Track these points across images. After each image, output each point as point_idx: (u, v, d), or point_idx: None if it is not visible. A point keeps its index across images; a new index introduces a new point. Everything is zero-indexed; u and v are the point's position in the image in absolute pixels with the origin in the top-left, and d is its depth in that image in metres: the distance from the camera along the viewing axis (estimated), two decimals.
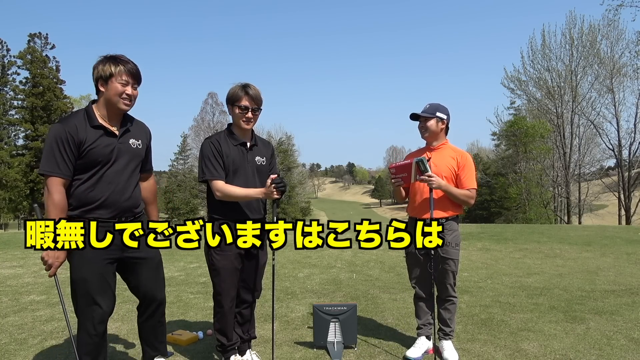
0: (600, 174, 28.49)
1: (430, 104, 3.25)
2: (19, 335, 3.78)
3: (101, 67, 2.38)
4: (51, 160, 2.31)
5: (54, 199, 2.31)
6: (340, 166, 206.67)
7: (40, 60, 37.49)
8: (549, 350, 3.29)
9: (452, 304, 3.24)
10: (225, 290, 2.90)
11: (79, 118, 2.41)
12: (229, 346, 3.03)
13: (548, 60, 27.09)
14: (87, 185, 2.40)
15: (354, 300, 4.77)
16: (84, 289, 2.42)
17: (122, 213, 2.50)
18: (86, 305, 2.44)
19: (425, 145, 3.35)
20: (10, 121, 38.26)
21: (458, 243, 3.20)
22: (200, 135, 45.84)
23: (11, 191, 35.81)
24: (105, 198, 2.43)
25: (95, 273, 2.42)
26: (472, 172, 3.18)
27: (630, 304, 4.48)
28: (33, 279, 6.10)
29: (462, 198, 3.12)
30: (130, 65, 2.43)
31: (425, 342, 3.29)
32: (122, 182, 2.50)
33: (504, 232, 11.11)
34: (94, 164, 2.40)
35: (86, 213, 2.40)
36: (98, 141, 2.40)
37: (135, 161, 2.58)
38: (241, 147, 2.92)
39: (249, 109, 2.84)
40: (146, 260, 2.62)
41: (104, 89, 2.41)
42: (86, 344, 2.46)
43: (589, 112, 26.35)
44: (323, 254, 7.89)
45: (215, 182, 2.81)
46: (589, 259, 7.22)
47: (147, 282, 2.64)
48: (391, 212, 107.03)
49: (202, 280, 5.91)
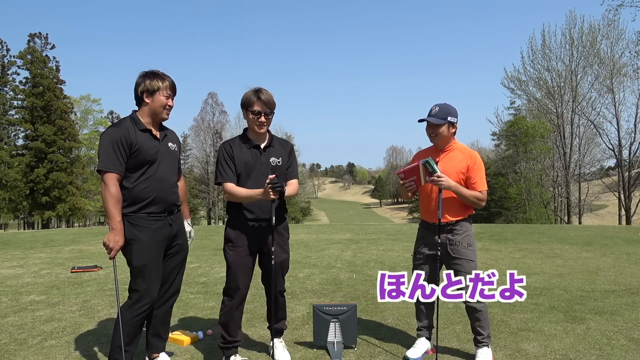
0: (601, 174, 28.51)
1: (439, 106, 3.08)
2: (19, 335, 3.78)
3: (148, 82, 2.76)
4: (107, 158, 2.66)
5: (111, 191, 2.64)
6: (340, 166, 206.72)
7: (40, 60, 37.48)
8: (549, 350, 3.29)
9: (476, 311, 3.07)
10: (233, 285, 3.04)
11: (128, 123, 2.77)
12: (229, 342, 3.08)
13: (548, 60, 27.13)
14: (140, 183, 2.75)
15: (354, 300, 4.77)
16: (144, 274, 2.74)
17: (169, 207, 2.88)
18: (144, 289, 2.74)
19: (432, 145, 3.23)
20: (10, 121, 38.26)
21: (471, 243, 3.11)
22: (200, 136, 45.90)
23: (11, 191, 35.80)
24: (156, 195, 2.79)
25: (153, 260, 2.78)
26: (482, 173, 3.09)
27: (631, 304, 4.48)
28: (33, 279, 6.10)
29: (472, 199, 3.03)
30: (170, 80, 2.84)
31: (425, 342, 3.28)
32: (167, 180, 2.87)
33: (504, 232, 11.11)
34: (143, 163, 2.76)
35: (141, 209, 2.74)
36: (146, 143, 2.77)
37: (174, 162, 2.98)
38: (255, 150, 3.06)
39: (262, 114, 2.97)
40: (182, 250, 3.01)
41: (149, 100, 2.79)
42: (130, 326, 2.73)
43: (589, 112, 26.38)
44: (323, 254, 7.89)
45: (225, 185, 2.99)
46: (589, 259, 7.22)
47: (173, 271, 2.98)
48: (391, 212, 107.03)
49: (202, 280, 5.91)
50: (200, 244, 9.62)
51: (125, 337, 2.69)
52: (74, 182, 38.02)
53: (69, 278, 6.13)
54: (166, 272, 2.93)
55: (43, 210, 36.59)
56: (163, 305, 2.98)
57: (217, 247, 9.19)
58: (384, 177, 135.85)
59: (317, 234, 11.40)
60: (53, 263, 7.44)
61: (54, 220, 40.42)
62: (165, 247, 2.89)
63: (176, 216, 2.97)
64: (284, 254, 3.18)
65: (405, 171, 3.09)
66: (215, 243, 9.78)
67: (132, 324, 2.74)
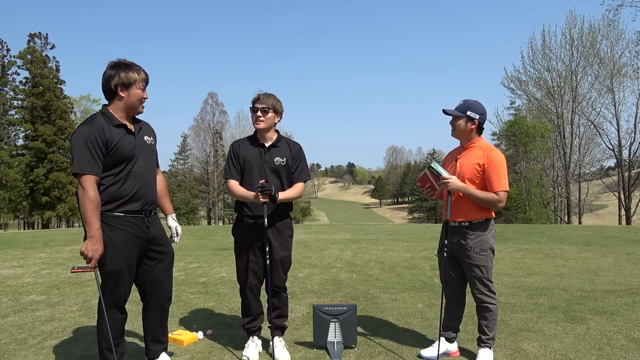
0: (600, 174, 28.50)
1: (465, 100, 3.07)
2: (18, 335, 3.78)
3: (124, 75, 2.60)
4: (83, 159, 2.48)
5: (89, 195, 2.47)
6: (340, 166, 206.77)
7: (40, 60, 37.48)
8: (549, 350, 3.29)
9: (486, 311, 3.05)
10: (240, 274, 3.29)
11: (101, 120, 2.61)
12: (247, 324, 3.34)
13: (548, 60, 27.14)
14: (117, 181, 2.61)
15: (354, 300, 4.77)
16: (117, 279, 2.62)
17: (147, 205, 2.75)
18: (117, 294, 2.65)
19: (459, 144, 3.19)
20: (10, 121, 38.26)
21: (485, 249, 2.99)
22: (200, 136, 45.94)
23: (11, 191, 35.80)
24: (135, 192, 2.66)
25: (128, 265, 2.65)
26: (498, 173, 2.93)
27: (630, 304, 4.48)
28: (33, 279, 6.10)
29: (486, 200, 2.93)
30: (144, 71, 2.70)
31: (443, 343, 3.21)
32: (146, 176, 2.75)
33: (504, 232, 11.11)
34: (121, 160, 2.61)
35: (118, 207, 2.61)
36: (122, 139, 2.62)
37: (151, 156, 2.84)
38: (259, 148, 3.22)
39: (258, 109, 3.16)
40: (166, 255, 2.87)
41: (124, 94, 2.63)
42: (113, 328, 2.67)
43: (589, 112, 26.39)
44: (323, 254, 7.89)
45: (228, 182, 3.23)
46: (589, 259, 7.22)
47: (161, 277, 2.86)
48: (391, 212, 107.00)
49: (202, 280, 5.91)
50: (200, 244, 9.62)
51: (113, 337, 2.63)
52: (74, 182, 38.00)
53: (69, 278, 6.13)
54: (155, 278, 2.82)
55: (43, 210, 36.59)
56: (158, 312, 2.92)
57: (217, 247, 9.19)
58: (384, 177, 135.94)
59: (317, 234, 11.40)
60: (53, 263, 7.44)
61: (54, 220, 40.43)
62: (145, 252, 2.76)
63: (153, 218, 2.82)
64: (284, 250, 3.27)
65: (420, 180, 3.18)
66: (215, 243, 9.78)
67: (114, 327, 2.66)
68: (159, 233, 2.83)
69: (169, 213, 3.09)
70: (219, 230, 13.52)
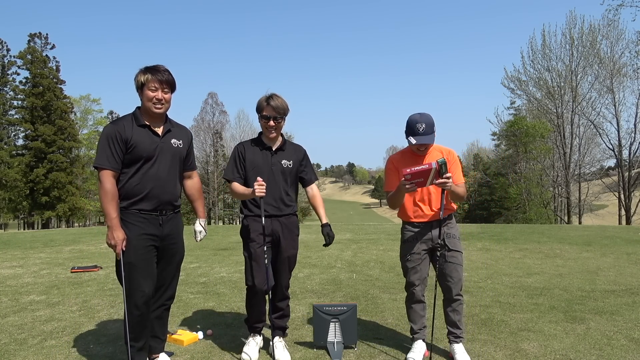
0: (600, 174, 28.52)
1: (422, 123, 2.97)
2: (18, 335, 3.77)
3: (137, 78, 2.76)
4: (103, 155, 2.68)
5: (105, 187, 2.65)
6: (340, 166, 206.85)
7: (40, 60, 37.50)
8: (549, 350, 3.29)
9: (460, 304, 3.16)
10: (248, 273, 3.21)
11: (127, 119, 2.79)
12: (253, 323, 3.33)
13: (548, 60, 27.17)
14: (134, 179, 2.74)
15: (354, 300, 4.77)
16: (130, 272, 2.70)
17: (162, 206, 2.83)
18: (131, 287, 2.71)
19: (407, 148, 3.22)
20: (10, 121, 38.28)
21: (458, 236, 3.26)
22: (200, 136, 45.89)
23: (11, 191, 35.82)
24: (149, 191, 2.76)
25: (141, 259, 2.73)
26: (459, 167, 3.21)
27: (631, 304, 4.48)
28: (33, 279, 6.10)
29: (463, 193, 3.12)
30: (160, 73, 2.75)
31: (422, 345, 3.24)
32: (164, 177, 2.82)
33: (504, 232, 11.11)
34: (139, 159, 2.74)
35: (132, 205, 2.74)
36: (143, 139, 2.75)
37: (176, 159, 2.91)
38: (266, 151, 3.25)
39: (270, 118, 3.14)
40: (176, 254, 2.95)
41: (141, 95, 2.79)
42: (130, 322, 2.73)
43: (589, 112, 26.41)
44: (323, 254, 7.89)
45: (232, 184, 3.20)
46: (589, 259, 7.22)
47: (167, 275, 2.94)
48: (391, 212, 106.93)
49: (202, 280, 5.91)
50: (200, 244, 9.61)
51: (130, 332, 2.72)
52: (74, 182, 38.02)
53: (69, 278, 6.13)
54: (161, 276, 2.89)
55: (43, 210, 36.59)
56: (159, 308, 2.96)
57: (217, 247, 9.19)
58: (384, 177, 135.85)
59: (317, 234, 11.39)
60: (53, 263, 7.44)
61: (53, 220, 40.41)
62: (157, 248, 2.84)
63: (169, 217, 2.88)
64: (292, 249, 3.32)
65: (414, 172, 2.82)
66: (215, 243, 9.78)
67: (130, 321, 2.74)
68: (172, 232, 2.90)
69: (200, 217, 3.17)
70: (219, 230, 13.51)
